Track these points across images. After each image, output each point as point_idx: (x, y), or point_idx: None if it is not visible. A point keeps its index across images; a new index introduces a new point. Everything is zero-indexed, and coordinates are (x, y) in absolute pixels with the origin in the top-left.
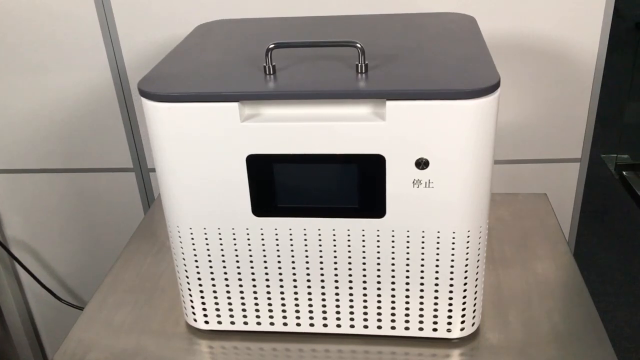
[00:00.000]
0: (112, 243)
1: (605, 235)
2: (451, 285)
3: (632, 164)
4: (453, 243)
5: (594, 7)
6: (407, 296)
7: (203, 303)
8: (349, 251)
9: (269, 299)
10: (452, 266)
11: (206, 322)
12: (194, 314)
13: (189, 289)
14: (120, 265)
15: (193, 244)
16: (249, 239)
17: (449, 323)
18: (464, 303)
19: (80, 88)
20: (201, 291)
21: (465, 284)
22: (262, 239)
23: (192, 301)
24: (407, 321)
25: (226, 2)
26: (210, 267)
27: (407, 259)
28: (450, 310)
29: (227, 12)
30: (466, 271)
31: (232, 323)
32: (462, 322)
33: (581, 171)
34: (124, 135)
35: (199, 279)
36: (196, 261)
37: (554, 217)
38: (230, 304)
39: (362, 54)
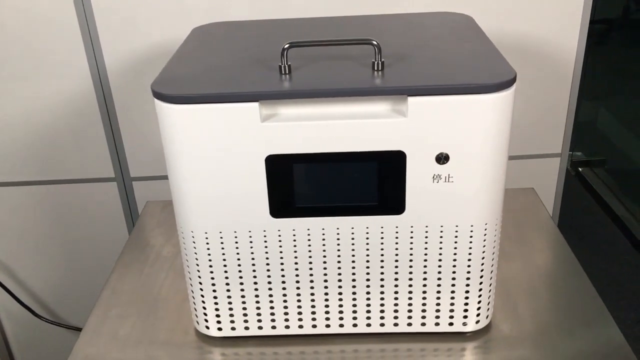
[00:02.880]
0: (92, 257)
1: (566, 229)
2: (468, 278)
3: (586, 160)
4: (471, 237)
5: (572, 7)
6: (424, 291)
7: (217, 309)
8: (367, 249)
9: (284, 301)
10: (469, 259)
11: (219, 329)
12: (206, 321)
13: (202, 296)
14: (117, 277)
15: (208, 249)
16: (265, 242)
17: (465, 317)
18: (479, 296)
19: (60, 96)
20: (215, 297)
21: (481, 276)
22: (280, 241)
23: (204, 308)
24: (423, 317)
25: (209, 7)
26: (225, 272)
27: (425, 254)
28: (466, 304)
29: (210, 17)
30: (482, 264)
31: (247, 328)
32: (478, 314)
33: (561, 166)
34: (105, 144)
35: (213, 284)
36: (210, 266)
37: (545, 210)
38: (245, 308)
39: (378, 51)
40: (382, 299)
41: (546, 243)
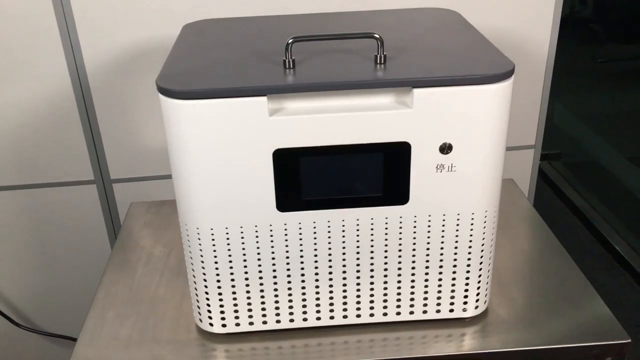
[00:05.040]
0: (72, 262)
1: None
2: (468, 265)
3: (544, 154)
4: (472, 224)
5: (545, 5)
6: (427, 280)
7: (221, 306)
8: (372, 239)
9: (289, 295)
10: (469, 246)
11: (223, 326)
12: (210, 318)
13: (206, 293)
14: (109, 279)
15: (214, 245)
16: (271, 236)
17: (465, 302)
18: (479, 281)
19: (37, 96)
20: (220, 293)
21: (480, 262)
22: (285, 234)
23: (208, 305)
24: (425, 304)
25: (191, 5)
26: (231, 267)
27: (428, 242)
28: (466, 290)
29: (192, 14)
30: (482, 250)
31: (251, 324)
32: (477, 300)
33: (535, 157)
34: (84, 146)
35: (218, 281)
36: (216, 262)
37: (526, 199)
38: (249, 304)
39: (381, 45)
40: (385, 288)
41: (530, 230)
